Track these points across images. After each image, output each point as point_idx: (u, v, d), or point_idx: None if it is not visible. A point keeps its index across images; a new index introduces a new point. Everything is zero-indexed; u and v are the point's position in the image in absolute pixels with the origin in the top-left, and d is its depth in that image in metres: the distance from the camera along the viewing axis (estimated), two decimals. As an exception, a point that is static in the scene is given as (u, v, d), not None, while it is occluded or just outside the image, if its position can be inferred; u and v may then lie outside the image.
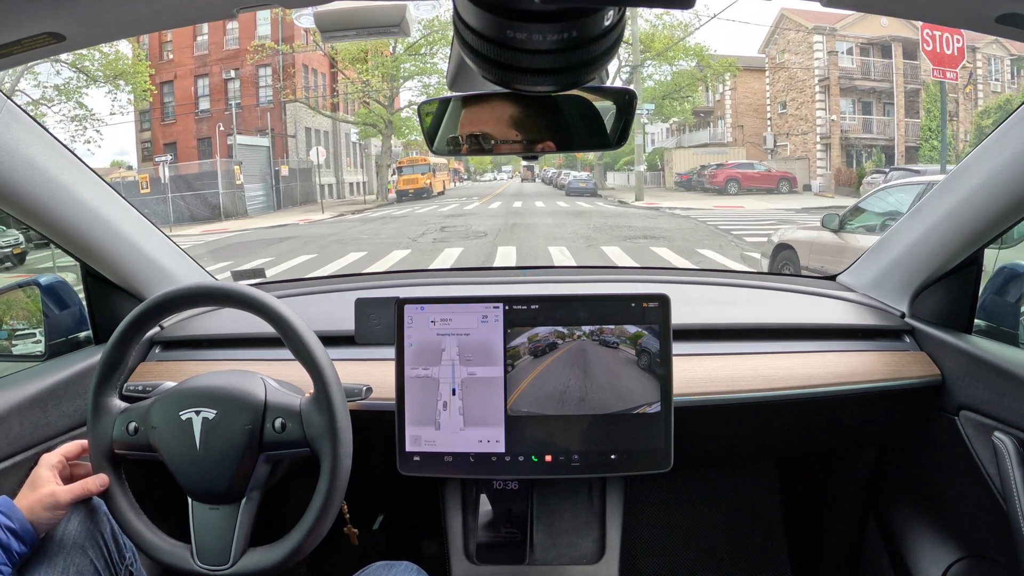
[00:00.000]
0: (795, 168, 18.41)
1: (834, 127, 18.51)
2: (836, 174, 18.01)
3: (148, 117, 18.81)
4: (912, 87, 18.03)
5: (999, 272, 1.11)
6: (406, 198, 18.87)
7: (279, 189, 18.09)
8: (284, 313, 0.88)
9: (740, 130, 21.50)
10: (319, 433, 0.86)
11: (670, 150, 22.66)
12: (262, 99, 19.19)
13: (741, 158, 19.51)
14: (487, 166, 39.87)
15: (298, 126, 19.53)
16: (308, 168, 19.07)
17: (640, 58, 18.11)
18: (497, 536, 1.17)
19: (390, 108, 19.19)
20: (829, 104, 18.75)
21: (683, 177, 19.72)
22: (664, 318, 1.00)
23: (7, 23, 0.61)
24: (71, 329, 1.23)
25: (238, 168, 16.42)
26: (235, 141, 17.78)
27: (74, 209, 1.05)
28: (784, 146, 20.08)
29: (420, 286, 1.46)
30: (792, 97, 19.87)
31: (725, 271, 1.67)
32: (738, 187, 17.16)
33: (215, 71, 18.81)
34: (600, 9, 0.42)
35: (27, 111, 0.96)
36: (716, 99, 22.30)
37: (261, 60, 18.55)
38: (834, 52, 18.46)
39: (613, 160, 24.56)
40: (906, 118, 17.97)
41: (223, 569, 0.85)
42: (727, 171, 17.65)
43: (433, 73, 18.71)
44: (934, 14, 0.71)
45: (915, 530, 1.19)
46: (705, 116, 22.79)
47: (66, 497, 0.83)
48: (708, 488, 1.60)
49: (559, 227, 10.94)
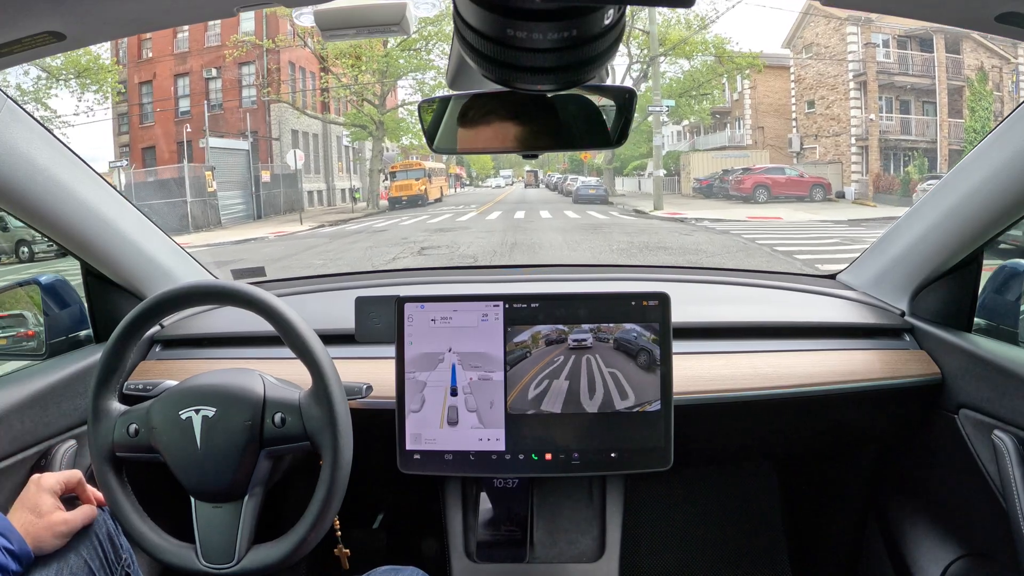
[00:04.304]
0: (827, 173, 16.57)
1: (872, 128, 16.47)
2: (874, 179, 16.10)
3: (126, 120, 17.42)
4: (955, 84, 15.95)
5: (999, 271, 1.11)
6: (399, 206, 17.47)
7: (259, 197, 16.41)
8: (284, 311, 0.88)
9: (760, 132, 19.62)
10: (319, 426, 0.86)
11: (686, 153, 20.71)
12: (245, 100, 17.76)
13: (765, 162, 17.61)
14: (489, 171, 38.17)
15: (283, 128, 18.02)
16: (294, 174, 17.40)
17: (658, 49, 16.42)
18: (497, 534, 1.17)
19: (381, 107, 17.74)
20: (866, 102, 16.67)
21: (703, 183, 18.05)
22: (664, 316, 1.00)
23: (7, 22, 0.61)
24: (71, 328, 1.23)
25: (210, 174, 14.71)
26: (208, 144, 16.01)
27: (74, 208, 1.05)
28: (812, 149, 18.20)
29: (420, 284, 1.46)
30: (821, 95, 17.89)
31: (725, 269, 1.67)
32: (767, 194, 15.40)
33: (195, 69, 17.44)
34: (600, 8, 0.42)
35: (27, 110, 0.96)
36: (734, 99, 20.46)
37: (242, 57, 17.11)
38: (871, 44, 16.42)
39: (623, 164, 22.83)
40: (949, 118, 15.94)
41: (228, 567, 0.85)
42: (755, 176, 15.81)
43: (429, 69, 17.39)
44: (934, 13, 0.71)
45: (915, 528, 1.19)
46: (721, 117, 20.95)
47: (78, 523, 0.84)
48: (708, 486, 1.60)
49: (573, 248, 9.08)
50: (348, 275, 1.54)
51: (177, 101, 17.41)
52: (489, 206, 17.99)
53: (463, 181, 34.21)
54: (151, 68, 17.45)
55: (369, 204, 18.38)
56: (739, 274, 1.47)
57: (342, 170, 20.93)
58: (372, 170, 18.24)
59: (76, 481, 0.88)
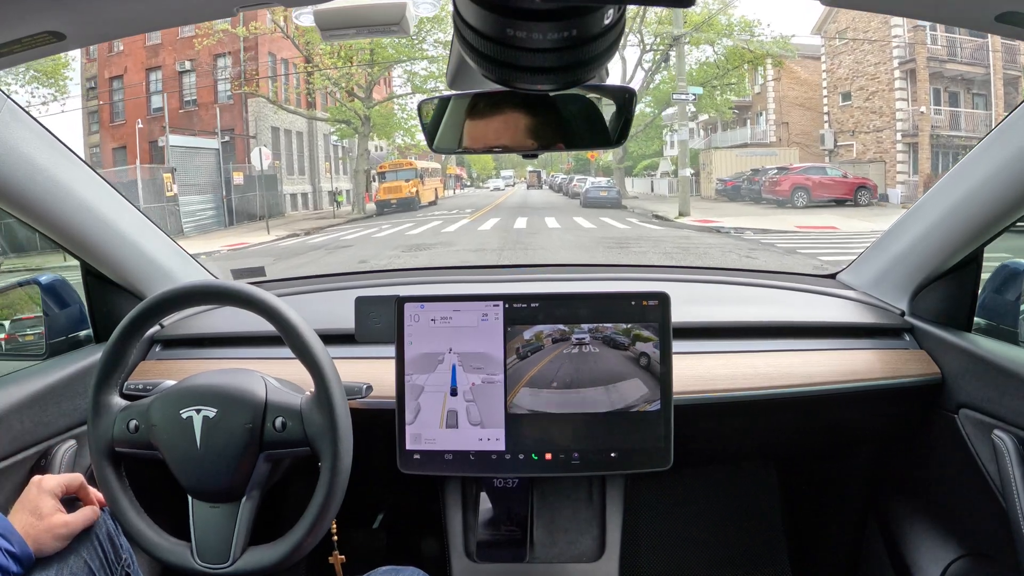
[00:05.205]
0: (868, 173, 14.65)
1: (923, 122, 14.32)
2: (926, 180, 14.01)
3: (97, 118, 15.92)
4: (1011, 73, 14.01)
5: (999, 270, 1.11)
6: (388, 210, 15.65)
7: (231, 201, 14.71)
8: (284, 311, 0.88)
9: (785, 128, 17.73)
10: (319, 432, 0.86)
11: (707, 151, 18.75)
12: (221, 95, 16.12)
13: (793, 160, 15.72)
14: (491, 171, 36.84)
15: (261, 126, 16.30)
16: (273, 175, 15.80)
17: (682, 27, 14.32)
18: (497, 534, 1.17)
19: (368, 101, 15.97)
20: (915, 93, 14.48)
21: (728, 184, 16.10)
22: (664, 316, 1.00)
23: (7, 22, 0.61)
24: (71, 328, 1.23)
25: (169, 176, 13.16)
26: (168, 142, 14.25)
27: (74, 208, 1.05)
28: (848, 146, 16.08)
29: (420, 284, 1.46)
30: (860, 86, 15.74)
31: (725, 269, 1.67)
32: (807, 197, 13.47)
33: (168, 63, 15.84)
34: (600, 8, 0.42)
35: (27, 110, 0.96)
36: (755, 92, 18.45)
37: (217, 48, 15.45)
38: (919, 27, 14.11)
39: (633, 163, 21.24)
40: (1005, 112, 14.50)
41: (223, 567, 0.85)
42: (793, 177, 13.80)
43: (421, 59, 15.73)
44: (934, 13, 0.71)
45: (914, 528, 1.19)
46: (741, 112, 19.01)
47: (79, 526, 0.84)
48: (708, 486, 1.60)
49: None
50: (348, 275, 1.54)
51: (149, 97, 16.06)
52: (485, 212, 15.99)
53: (463, 182, 33.01)
54: (122, 62, 16.01)
55: (354, 208, 16.84)
56: (739, 274, 1.47)
57: (330, 171, 19.33)
58: (358, 170, 16.71)
59: (78, 484, 0.88)
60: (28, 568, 0.79)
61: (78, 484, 0.88)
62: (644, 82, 16.45)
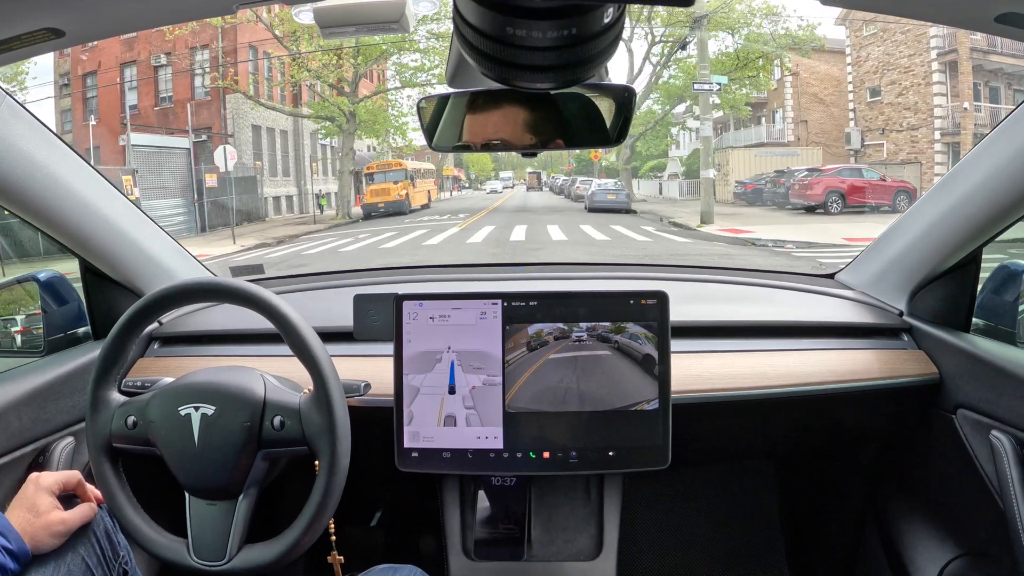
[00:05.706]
0: (903, 175, 13.33)
1: (965, 119, 12.97)
2: None
3: (69, 117, 14.64)
4: None
5: (998, 271, 1.11)
6: (375, 214, 14.56)
7: (203, 206, 13.57)
8: (283, 309, 0.88)
9: (804, 126, 16.38)
10: (318, 432, 0.86)
11: (722, 151, 17.22)
12: (198, 91, 14.94)
13: (816, 161, 14.45)
14: (489, 172, 36.03)
15: (239, 123, 15.05)
16: (252, 177, 14.55)
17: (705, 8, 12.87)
18: (495, 532, 1.17)
19: (353, 96, 14.68)
20: (955, 87, 13.06)
21: (748, 187, 14.67)
22: (663, 315, 1.00)
23: (6, 18, 0.61)
24: (69, 325, 1.23)
25: (129, 178, 12.13)
26: (128, 141, 13.00)
27: (73, 205, 1.05)
28: (878, 146, 14.73)
29: (419, 282, 1.46)
30: (892, 80, 14.33)
31: (724, 268, 1.67)
32: (842, 203, 12.08)
33: (143, 56, 14.69)
34: (600, 7, 0.42)
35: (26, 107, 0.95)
36: (771, 88, 16.88)
37: (192, 39, 14.32)
38: None
39: (641, 163, 19.80)
40: None
41: (219, 565, 0.85)
42: (827, 179, 12.42)
43: (413, 51, 14.55)
44: (934, 13, 0.71)
45: (912, 528, 1.19)
46: (755, 110, 17.47)
47: (76, 523, 0.84)
48: (706, 485, 1.60)
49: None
50: (347, 272, 1.54)
51: (124, 94, 14.91)
52: (478, 218, 14.12)
53: (461, 183, 32.07)
54: (95, 57, 14.83)
55: (339, 212, 15.42)
56: (738, 273, 1.47)
57: (317, 172, 17.97)
58: (342, 171, 15.33)
59: (75, 482, 0.88)
60: (25, 565, 0.79)
61: (76, 481, 0.88)
62: (652, 76, 15.64)
